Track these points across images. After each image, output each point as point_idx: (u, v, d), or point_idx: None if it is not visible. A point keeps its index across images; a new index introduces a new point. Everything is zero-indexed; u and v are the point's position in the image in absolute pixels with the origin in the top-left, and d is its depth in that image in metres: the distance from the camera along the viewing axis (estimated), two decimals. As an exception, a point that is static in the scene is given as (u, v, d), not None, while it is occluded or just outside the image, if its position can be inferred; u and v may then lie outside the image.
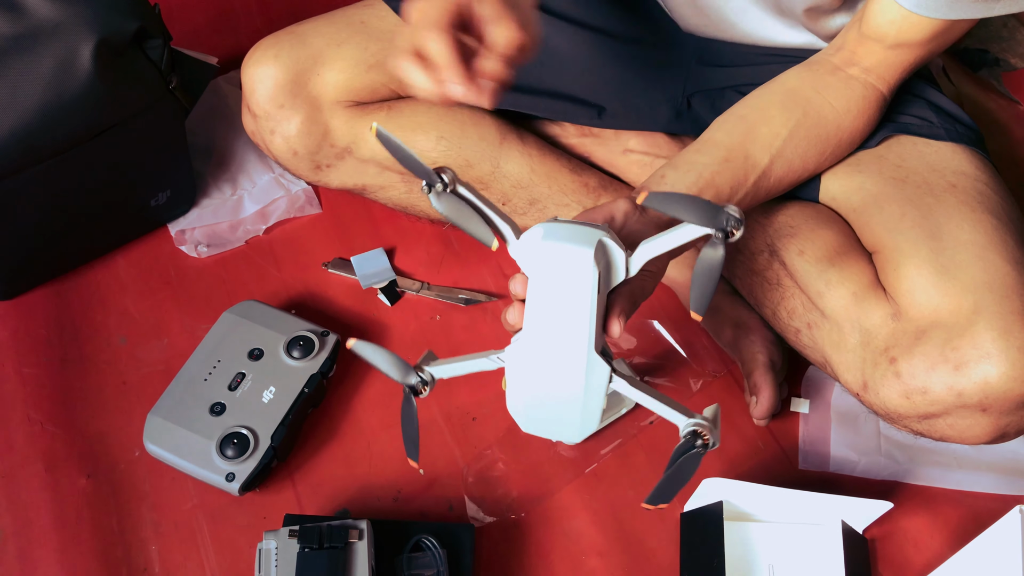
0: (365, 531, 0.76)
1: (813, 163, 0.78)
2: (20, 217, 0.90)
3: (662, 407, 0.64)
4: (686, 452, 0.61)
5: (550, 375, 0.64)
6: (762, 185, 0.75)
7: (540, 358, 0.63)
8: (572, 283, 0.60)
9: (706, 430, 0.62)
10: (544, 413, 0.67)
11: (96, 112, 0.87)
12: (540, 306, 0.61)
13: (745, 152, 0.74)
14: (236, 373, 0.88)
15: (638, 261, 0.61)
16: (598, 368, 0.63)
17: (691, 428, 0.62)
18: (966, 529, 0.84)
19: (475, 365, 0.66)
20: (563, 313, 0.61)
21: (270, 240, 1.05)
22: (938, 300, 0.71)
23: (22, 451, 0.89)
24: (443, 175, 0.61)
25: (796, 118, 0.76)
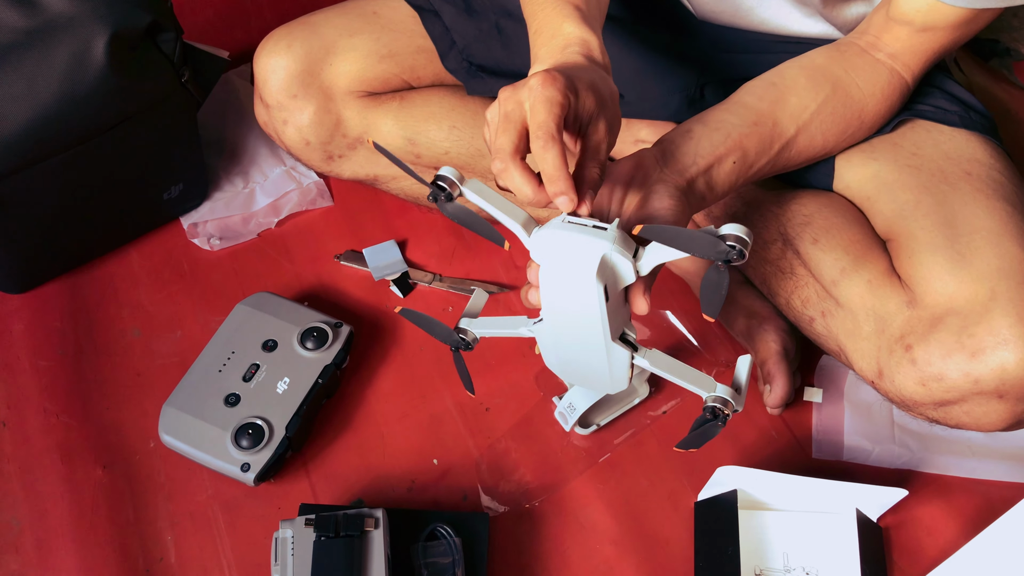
0: (381, 520, 0.76)
1: (834, 140, 0.78)
2: (35, 210, 0.91)
3: (685, 381, 0.66)
4: (706, 423, 0.66)
5: (574, 353, 0.68)
6: (783, 155, 0.76)
7: (562, 339, 0.67)
8: (580, 297, 0.61)
9: (724, 404, 0.66)
10: (577, 371, 0.71)
11: (110, 105, 0.87)
12: (554, 304, 0.64)
13: (774, 119, 0.74)
14: (250, 364, 0.88)
15: (646, 267, 0.61)
16: (618, 354, 0.66)
17: (712, 404, 0.66)
18: (980, 517, 0.84)
19: (509, 328, 0.70)
20: (576, 310, 0.63)
21: (282, 233, 1.05)
22: (954, 287, 0.70)
23: (38, 442, 0.89)
24: (442, 184, 0.61)
25: (825, 93, 0.75)
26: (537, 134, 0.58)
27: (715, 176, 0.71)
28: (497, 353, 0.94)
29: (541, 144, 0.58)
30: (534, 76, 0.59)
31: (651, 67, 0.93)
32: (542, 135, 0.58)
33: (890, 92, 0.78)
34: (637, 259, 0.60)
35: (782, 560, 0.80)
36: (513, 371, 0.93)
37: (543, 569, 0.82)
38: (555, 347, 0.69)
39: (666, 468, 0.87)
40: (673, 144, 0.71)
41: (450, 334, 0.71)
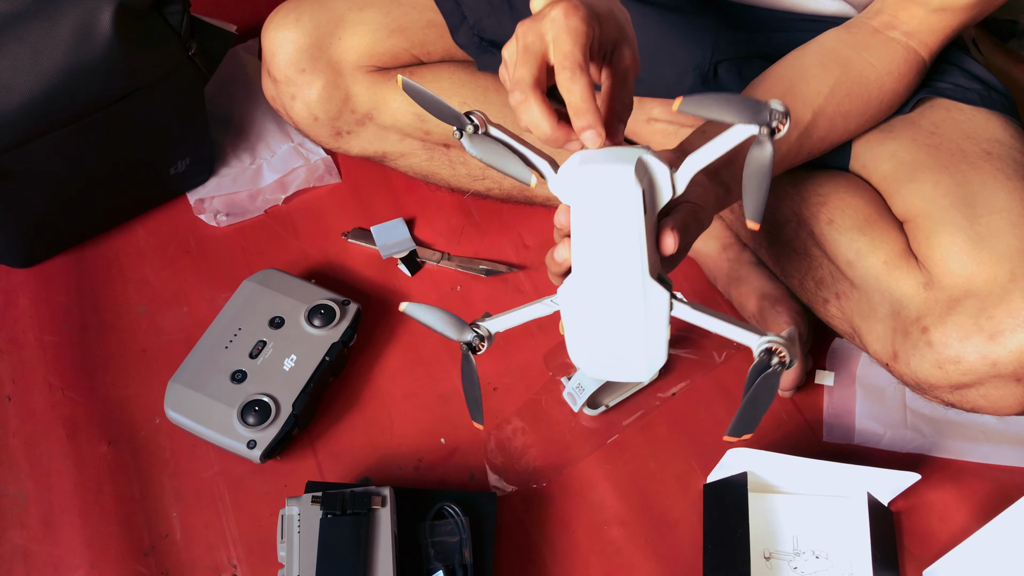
0: (388, 498, 0.75)
1: (855, 123, 0.76)
2: (40, 183, 0.90)
3: (732, 329, 0.59)
4: (762, 372, 0.57)
5: (607, 309, 0.60)
6: (805, 143, 0.74)
7: (594, 292, 0.60)
8: (616, 204, 0.56)
9: (781, 347, 0.57)
10: (607, 352, 0.63)
11: (116, 77, 0.86)
12: (586, 235, 0.58)
13: None
14: (257, 341, 0.87)
15: (684, 175, 0.57)
16: (656, 294, 0.58)
17: (765, 346, 0.57)
18: (993, 503, 0.83)
19: (530, 313, 0.63)
20: (611, 239, 0.57)
21: (289, 210, 1.04)
22: (972, 268, 0.69)
23: (44, 417, 0.89)
24: (473, 117, 0.60)
25: (836, 75, 0.74)
26: (564, 64, 0.56)
27: (738, 168, 0.69)
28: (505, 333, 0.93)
29: (568, 75, 0.56)
30: (555, 6, 0.57)
31: (664, 45, 0.91)
32: (569, 65, 0.56)
33: (907, 70, 0.76)
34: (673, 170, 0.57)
35: (792, 543, 0.79)
36: (521, 351, 0.92)
37: (550, 549, 0.81)
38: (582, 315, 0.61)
39: (675, 450, 0.86)
40: (691, 144, 0.70)
41: (464, 329, 0.63)
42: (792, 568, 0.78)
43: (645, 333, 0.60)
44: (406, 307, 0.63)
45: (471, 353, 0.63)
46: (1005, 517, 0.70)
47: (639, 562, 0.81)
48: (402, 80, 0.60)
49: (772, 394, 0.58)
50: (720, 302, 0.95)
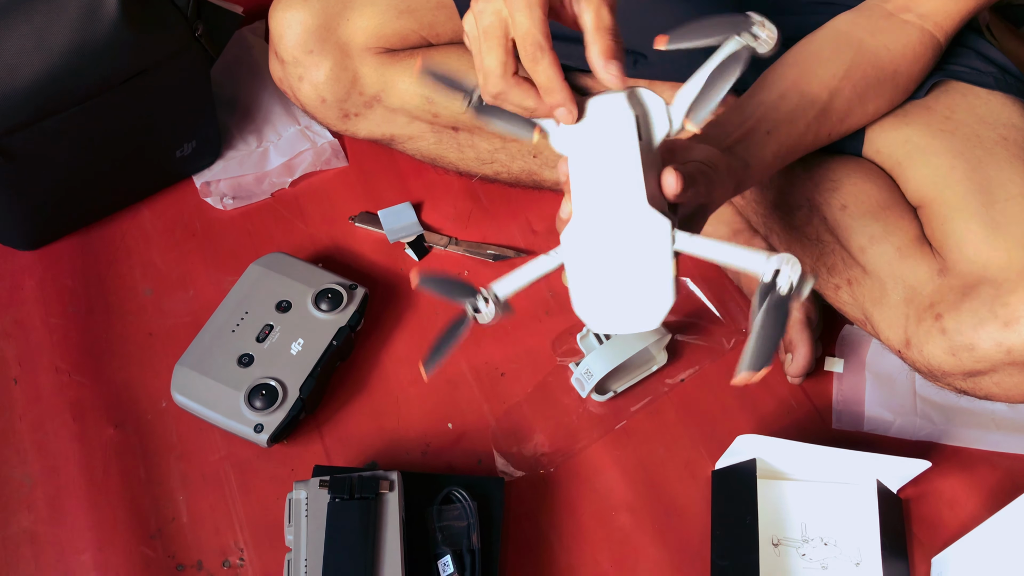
0: (396, 482, 0.75)
1: (872, 105, 0.76)
2: (46, 165, 0.89)
3: (739, 253, 0.56)
4: (768, 296, 0.54)
5: (608, 248, 0.58)
6: (824, 123, 0.73)
7: (595, 232, 0.58)
8: (611, 132, 0.56)
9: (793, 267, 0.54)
10: (612, 299, 0.59)
11: (122, 58, 0.86)
12: (585, 172, 0.57)
13: (800, 90, 0.72)
14: (264, 325, 0.87)
15: (679, 109, 0.58)
16: (657, 223, 0.56)
17: (775, 268, 0.54)
18: (1003, 491, 0.83)
19: (534, 269, 0.61)
20: (608, 169, 0.57)
21: (296, 193, 1.03)
22: (987, 255, 0.69)
23: (49, 400, 0.88)
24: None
25: (850, 57, 0.73)
26: (523, 45, 0.55)
27: (752, 146, 0.69)
28: (514, 318, 0.92)
29: (529, 55, 0.55)
30: None
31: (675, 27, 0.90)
32: (528, 45, 0.54)
33: (922, 52, 0.75)
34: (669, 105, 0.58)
35: (800, 530, 0.79)
36: (529, 336, 0.92)
37: (558, 535, 0.81)
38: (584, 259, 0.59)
39: (683, 436, 0.86)
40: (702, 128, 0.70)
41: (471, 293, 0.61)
42: (800, 555, 0.78)
43: (649, 269, 0.58)
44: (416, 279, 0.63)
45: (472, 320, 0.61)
46: (1015, 506, 0.69)
47: (647, 548, 0.80)
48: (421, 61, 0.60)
49: (784, 319, 0.54)
50: (730, 288, 0.95)
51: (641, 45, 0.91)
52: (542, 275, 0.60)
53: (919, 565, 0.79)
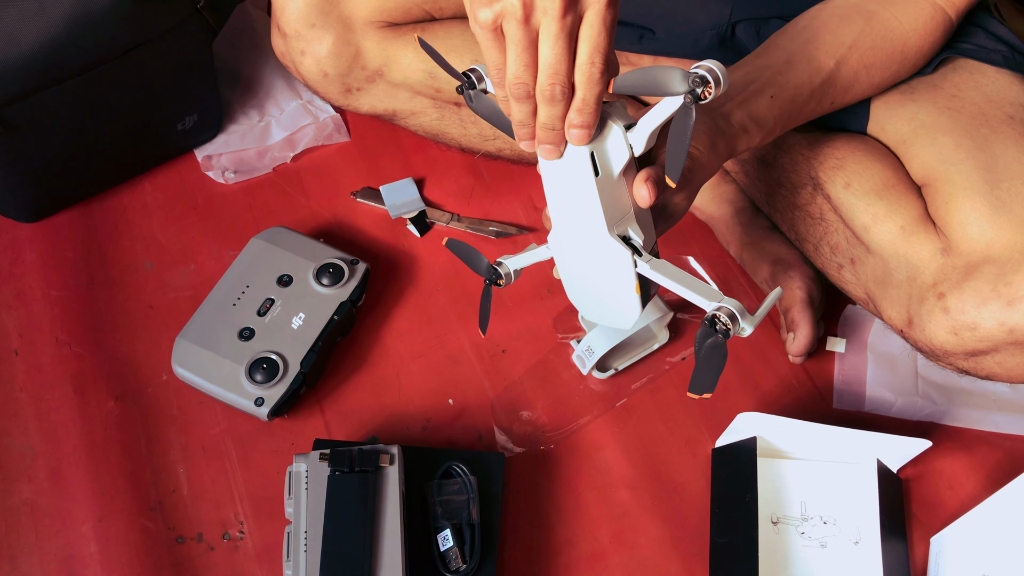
0: (396, 456, 0.75)
1: (879, 76, 0.75)
2: (47, 136, 0.89)
3: (689, 292, 0.61)
4: (708, 339, 0.59)
5: (581, 262, 0.65)
6: (828, 91, 0.73)
7: (569, 247, 0.65)
8: (569, 168, 0.60)
9: (728, 316, 0.59)
10: (593, 299, 0.69)
11: (123, 28, 0.85)
12: (554, 195, 0.63)
13: (808, 56, 0.72)
14: (265, 299, 0.87)
15: (639, 136, 0.59)
16: (618, 253, 0.62)
17: (713, 312, 0.59)
18: (1003, 472, 0.83)
19: (535, 256, 0.71)
20: (571, 199, 0.61)
21: (297, 168, 1.03)
22: (992, 234, 0.68)
23: (51, 372, 0.88)
24: (471, 76, 0.63)
25: (860, 27, 0.73)
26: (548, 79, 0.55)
27: (755, 109, 0.68)
28: (515, 295, 0.93)
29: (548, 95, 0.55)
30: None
31: (682, 3, 0.89)
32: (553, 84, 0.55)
33: (933, 27, 0.75)
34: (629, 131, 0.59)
35: (800, 508, 0.79)
36: (531, 314, 0.92)
37: (557, 511, 0.81)
38: (567, 263, 0.68)
39: (684, 414, 0.86)
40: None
41: (488, 266, 0.72)
42: (800, 533, 0.78)
43: (617, 286, 0.65)
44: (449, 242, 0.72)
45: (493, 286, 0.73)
46: (1014, 486, 0.69)
47: (646, 524, 0.80)
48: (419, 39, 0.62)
49: (722, 359, 0.60)
50: (732, 267, 0.94)
51: (647, 20, 0.91)
52: (542, 260, 0.71)
53: (918, 544, 0.80)
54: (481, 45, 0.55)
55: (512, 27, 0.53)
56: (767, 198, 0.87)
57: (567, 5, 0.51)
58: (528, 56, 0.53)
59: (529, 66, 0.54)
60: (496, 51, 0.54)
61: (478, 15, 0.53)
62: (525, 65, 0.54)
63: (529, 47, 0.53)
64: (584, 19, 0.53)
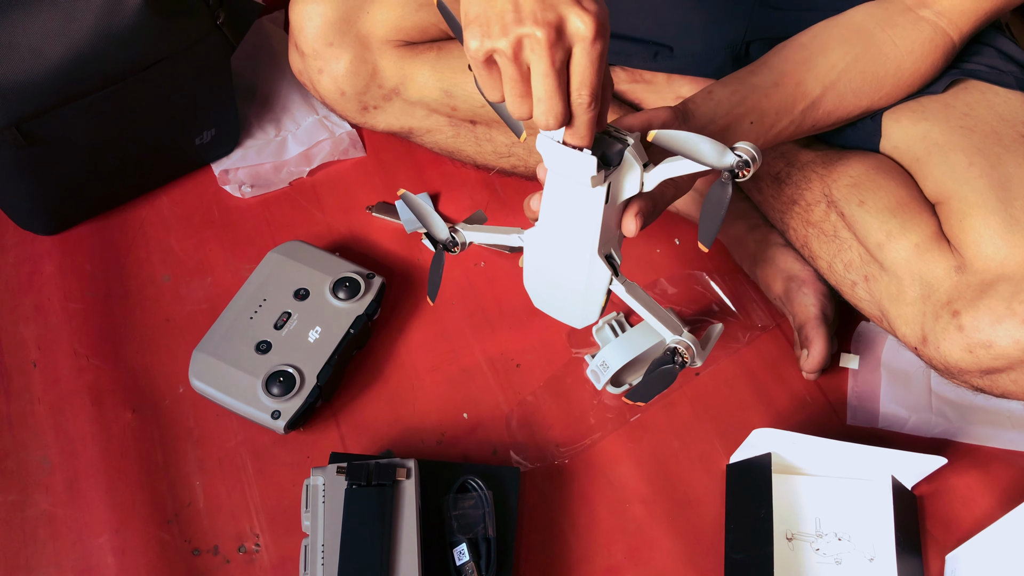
0: (412, 470, 0.75)
1: (867, 100, 0.77)
2: (68, 151, 0.90)
3: (652, 318, 0.66)
4: (662, 365, 0.66)
5: (557, 266, 0.68)
6: (809, 115, 0.75)
7: (550, 249, 0.67)
8: (581, 198, 0.62)
9: (686, 349, 0.65)
10: (552, 297, 0.71)
11: (145, 44, 0.86)
12: (553, 207, 0.64)
13: (797, 79, 0.74)
14: (282, 312, 0.87)
15: (653, 179, 0.61)
16: (599, 271, 0.66)
17: (674, 345, 0.66)
18: (1018, 489, 0.83)
19: (500, 238, 0.71)
20: (573, 215, 0.63)
21: (314, 182, 1.04)
22: (1006, 252, 0.69)
23: (69, 384, 0.89)
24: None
25: (856, 52, 0.75)
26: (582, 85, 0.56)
27: (732, 136, 0.71)
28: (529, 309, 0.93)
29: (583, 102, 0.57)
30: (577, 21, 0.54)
31: (696, 21, 0.90)
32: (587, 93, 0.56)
33: (931, 49, 0.76)
34: (646, 170, 0.61)
35: (814, 525, 0.79)
36: (545, 329, 0.92)
37: (572, 525, 0.81)
38: (539, 259, 0.69)
39: (698, 429, 0.86)
40: (695, 104, 0.72)
41: (443, 230, 0.71)
42: (814, 550, 0.78)
43: (584, 297, 0.69)
44: (404, 194, 0.70)
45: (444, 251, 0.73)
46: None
47: (661, 540, 0.81)
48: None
49: (669, 383, 0.66)
50: (746, 283, 0.95)
51: (662, 37, 0.92)
52: (503, 246, 0.71)
53: (933, 562, 0.80)
54: (475, 72, 0.57)
55: (504, 63, 0.55)
56: (781, 215, 0.87)
57: (553, 45, 0.53)
58: (522, 88, 0.56)
59: (524, 96, 0.56)
60: (489, 78, 0.57)
61: (470, 46, 0.55)
62: (520, 96, 0.56)
63: (522, 80, 0.55)
64: (573, 54, 0.55)
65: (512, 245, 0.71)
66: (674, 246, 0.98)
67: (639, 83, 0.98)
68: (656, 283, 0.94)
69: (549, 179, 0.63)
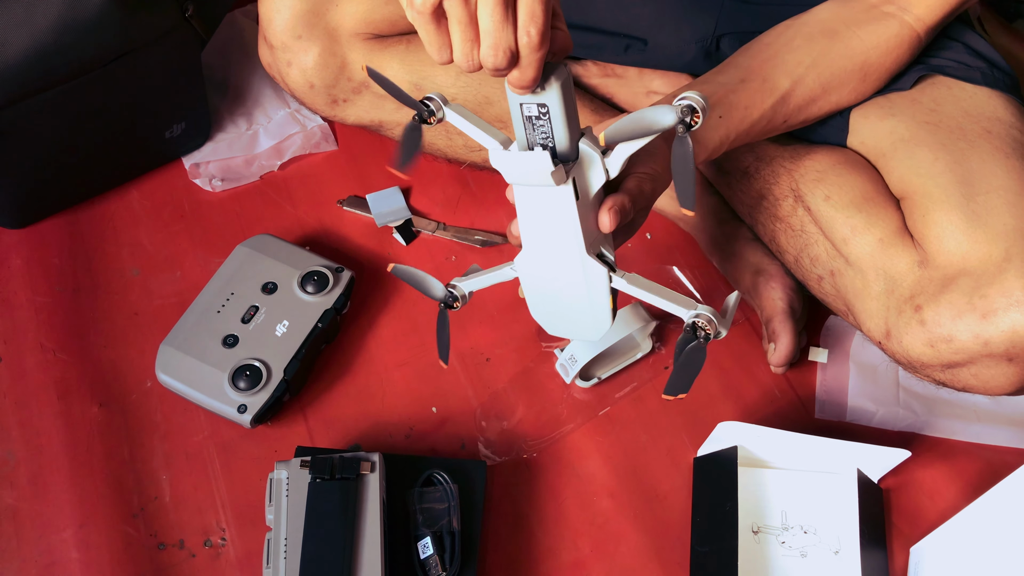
0: (377, 463, 0.75)
1: (835, 96, 0.77)
2: (34, 143, 0.89)
3: (664, 302, 0.64)
4: (689, 343, 0.62)
5: (554, 280, 0.67)
6: (780, 111, 0.75)
7: (542, 265, 0.66)
8: (549, 197, 0.61)
9: (707, 321, 0.62)
10: (561, 315, 0.70)
11: (111, 36, 0.85)
12: (528, 218, 0.63)
13: (764, 75, 0.74)
14: (249, 306, 0.87)
15: (615, 162, 0.60)
16: (595, 269, 0.64)
17: (692, 319, 0.62)
18: (982, 481, 0.83)
19: (495, 277, 0.70)
20: (551, 223, 0.62)
21: (285, 176, 1.03)
22: (967, 247, 0.69)
23: (34, 378, 0.88)
24: (428, 103, 0.63)
25: (821, 47, 0.75)
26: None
27: (700, 129, 0.70)
28: (500, 304, 0.93)
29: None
30: None
31: (668, 16, 0.90)
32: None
33: (896, 44, 0.76)
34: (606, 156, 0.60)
35: (780, 518, 0.79)
36: (514, 323, 0.92)
37: (539, 519, 0.81)
38: (537, 282, 0.68)
39: (666, 423, 0.86)
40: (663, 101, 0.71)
41: (442, 290, 0.71)
42: (780, 542, 0.78)
43: (590, 303, 0.67)
44: (395, 268, 0.70)
45: (447, 310, 0.71)
46: (991, 495, 0.70)
47: (627, 533, 0.81)
48: (367, 68, 0.62)
49: (701, 361, 0.63)
50: (716, 277, 0.95)
51: (634, 30, 0.92)
52: (503, 281, 0.70)
53: (898, 554, 0.80)
54: (421, 30, 0.55)
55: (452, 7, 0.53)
56: (749, 210, 0.88)
57: None
58: (471, 31, 0.54)
59: (474, 41, 0.54)
60: (438, 34, 0.55)
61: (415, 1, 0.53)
62: (471, 41, 0.54)
63: (471, 23, 0.53)
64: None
65: (509, 278, 0.70)
66: (645, 240, 0.98)
67: (610, 77, 0.98)
68: (626, 277, 0.94)
69: (517, 195, 0.62)
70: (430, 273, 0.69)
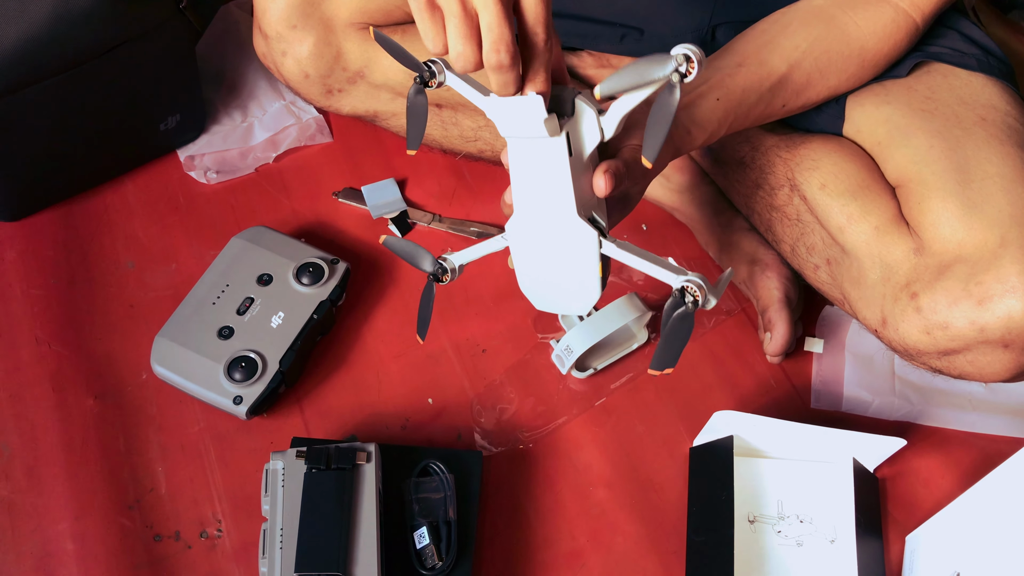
0: (373, 454, 0.75)
1: (834, 80, 0.76)
2: (28, 135, 0.89)
3: (654, 268, 0.63)
4: (677, 309, 0.60)
5: (543, 245, 0.66)
6: (778, 94, 0.74)
7: (532, 229, 0.65)
8: (543, 151, 0.60)
9: (697, 287, 0.60)
10: (548, 286, 0.69)
11: (105, 27, 0.85)
12: (521, 176, 0.63)
13: (761, 59, 0.73)
14: (245, 298, 0.87)
15: (611, 121, 0.60)
16: (585, 232, 0.63)
17: (681, 285, 0.61)
18: (977, 470, 0.83)
19: (487, 247, 0.70)
20: (543, 179, 0.62)
21: (280, 168, 1.03)
22: (963, 234, 0.69)
23: (29, 370, 0.88)
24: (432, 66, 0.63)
25: (818, 32, 0.75)
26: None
27: (698, 112, 0.70)
28: (496, 295, 0.93)
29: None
30: None
31: (661, 5, 0.90)
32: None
33: (893, 31, 0.76)
34: (602, 115, 0.59)
35: (776, 507, 0.80)
36: (511, 314, 0.92)
37: (535, 509, 0.81)
38: (526, 249, 0.67)
39: (662, 413, 0.86)
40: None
41: (433, 261, 0.70)
42: (776, 532, 0.78)
43: (579, 270, 0.66)
44: (386, 240, 0.70)
45: (435, 282, 0.70)
46: (986, 483, 0.70)
47: (623, 523, 0.81)
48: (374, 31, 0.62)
49: (688, 331, 0.61)
50: (712, 267, 0.95)
51: (629, 19, 0.91)
52: (494, 251, 0.70)
53: (893, 543, 0.80)
54: (418, 20, 0.55)
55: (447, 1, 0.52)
56: (745, 200, 0.88)
57: None
58: (466, 27, 0.53)
59: (469, 37, 0.53)
60: (433, 23, 0.54)
61: None
62: (465, 37, 0.53)
63: (466, 18, 0.53)
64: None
65: (500, 247, 0.69)
66: (641, 231, 0.98)
67: (606, 68, 0.97)
68: (621, 268, 0.94)
69: (511, 152, 0.62)
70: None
